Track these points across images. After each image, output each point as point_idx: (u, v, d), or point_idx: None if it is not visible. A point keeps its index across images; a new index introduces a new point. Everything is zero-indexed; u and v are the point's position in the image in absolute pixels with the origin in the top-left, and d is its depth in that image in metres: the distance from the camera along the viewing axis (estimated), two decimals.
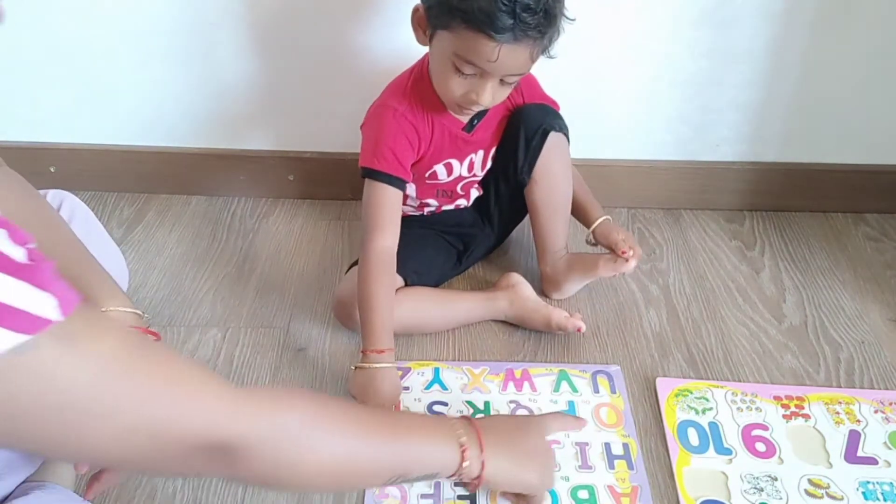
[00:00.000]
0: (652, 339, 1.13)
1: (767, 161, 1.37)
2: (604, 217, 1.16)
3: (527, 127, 1.11)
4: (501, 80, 0.95)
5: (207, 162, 1.39)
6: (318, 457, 0.63)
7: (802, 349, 1.12)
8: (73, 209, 0.85)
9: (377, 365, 0.97)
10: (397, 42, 1.25)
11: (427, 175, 1.11)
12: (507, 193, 1.19)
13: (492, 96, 0.96)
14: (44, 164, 1.37)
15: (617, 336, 1.13)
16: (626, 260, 1.10)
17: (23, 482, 0.76)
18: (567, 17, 0.94)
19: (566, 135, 1.13)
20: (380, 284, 1.00)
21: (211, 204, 1.41)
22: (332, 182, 1.40)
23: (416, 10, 0.98)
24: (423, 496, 0.90)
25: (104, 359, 0.48)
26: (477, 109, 1.00)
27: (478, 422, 0.79)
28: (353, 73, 1.28)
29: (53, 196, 0.85)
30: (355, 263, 1.12)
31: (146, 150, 1.38)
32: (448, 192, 1.17)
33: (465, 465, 0.74)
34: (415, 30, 1.00)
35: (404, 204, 1.14)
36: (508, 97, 1.05)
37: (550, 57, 0.96)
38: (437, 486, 0.91)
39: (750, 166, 1.38)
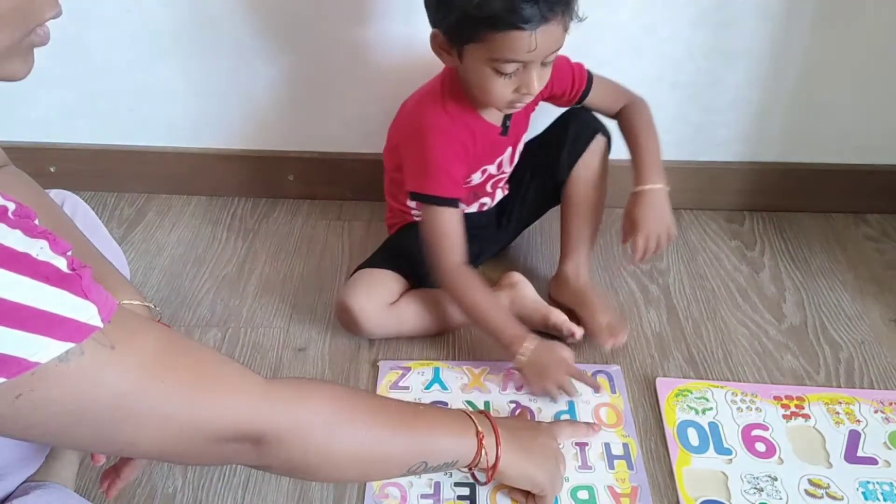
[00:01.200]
0: (652, 339, 1.13)
1: (767, 161, 1.37)
2: (650, 187, 1.08)
3: (577, 126, 1.14)
4: (542, 63, 0.95)
5: (207, 162, 1.39)
6: (344, 447, 0.66)
7: (802, 349, 1.12)
8: (74, 209, 0.85)
9: (527, 354, 1.00)
10: (398, 42, 1.25)
11: (464, 183, 1.10)
12: (535, 192, 1.20)
13: (540, 82, 0.95)
14: (44, 164, 1.37)
15: None
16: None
17: (23, 482, 0.76)
18: None
19: (609, 144, 1.17)
20: (477, 293, 1.03)
21: (211, 204, 1.41)
22: (332, 182, 1.40)
23: (435, 36, 0.98)
24: (424, 496, 0.90)
25: (145, 360, 0.51)
26: (528, 101, 1.00)
27: (494, 416, 0.82)
28: (354, 73, 1.29)
29: (55, 196, 0.85)
30: (359, 268, 1.12)
31: (146, 150, 1.38)
32: (477, 193, 1.17)
33: (482, 454, 0.77)
34: (438, 55, 0.99)
35: None
36: None
37: (580, 20, 0.95)
38: (437, 486, 0.91)
39: (750, 166, 1.38)
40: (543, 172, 1.17)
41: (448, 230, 1.03)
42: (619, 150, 1.34)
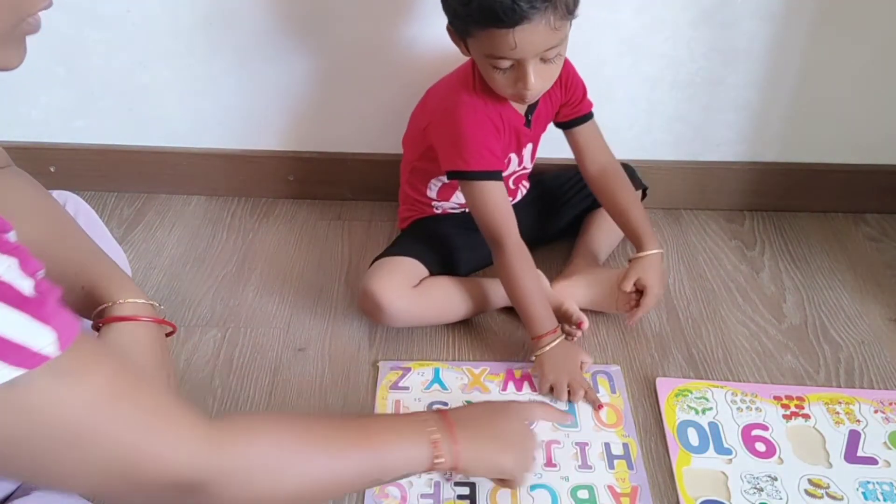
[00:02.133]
0: (652, 339, 1.13)
1: (767, 161, 1.37)
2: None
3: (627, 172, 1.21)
4: (542, 60, 0.94)
5: (207, 162, 1.39)
6: (291, 481, 0.64)
7: (802, 349, 1.12)
8: (76, 210, 0.85)
9: (552, 344, 1.03)
10: (399, 41, 1.25)
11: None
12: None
13: (538, 79, 0.95)
14: (44, 164, 1.37)
15: (617, 336, 1.13)
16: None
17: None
18: None
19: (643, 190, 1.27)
20: (527, 276, 1.05)
21: (211, 204, 1.41)
22: (332, 182, 1.40)
23: (448, 28, 1.00)
24: (424, 496, 0.90)
25: (92, 393, 0.50)
26: (534, 96, 1.00)
27: (451, 413, 0.80)
28: (354, 73, 1.29)
29: (56, 196, 0.85)
30: (379, 257, 1.13)
31: (146, 150, 1.38)
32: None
33: (437, 460, 0.75)
34: (457, 45, 1.01)
35: (447, 200, 1.16)
36: (550, 91, 1.06)
37: (573, 17, 0.94)
38: (437, 485, 0.91)
39: (750, 166, 1.38)
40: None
41: (498, 203, 1.04)
42: (618, 150, 1.35)
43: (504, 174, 1.14)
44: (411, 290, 1.09)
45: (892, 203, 1.39)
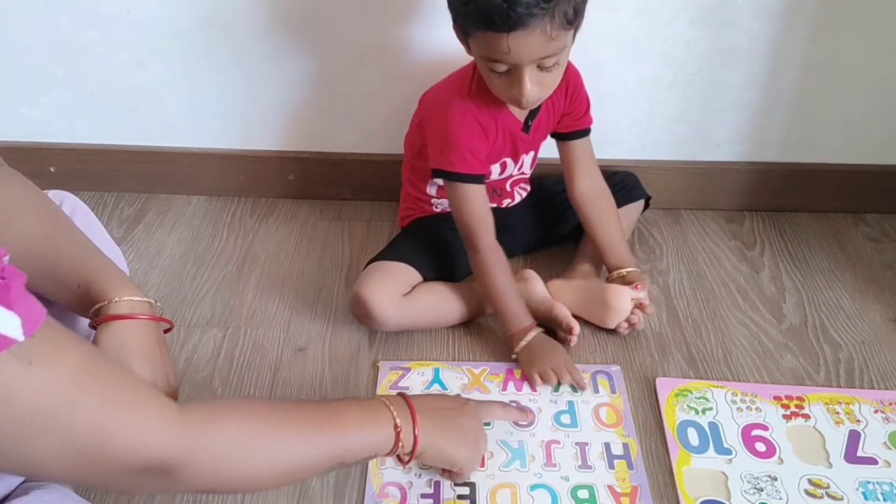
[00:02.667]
0: (652, 339, 1.13)
1: (767, 161, 1.37)
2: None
3: (632, 180, 1.29)
4: (539, 67, 0.94)
5: (207, 162, 1.39)
6: (257, 465, 0.66)
7: (802, 349, 1.12)
8: (73, 209, 0.85)
9: (528, 338, 1.05)
10: (400, 42, 1.25)
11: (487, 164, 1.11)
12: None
13: (534, 86, 0.94)
14: (44, 164, 1.37)
15: (617, 336, 1.13)
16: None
17: (23, 482, 0.76)
18: None
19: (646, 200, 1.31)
20: (502, 276, 1.06)
21: (211, 204, 1.41)
22: (332, 182, 1.40)
23: (453, 27, 1.00)
24: (424, 496, 0.90)
25: (58, 378, 0.50)
26: (530, 103, 0.99)
27: (413, 399, 0.82)
28: (354, 73, 1.28)
29: (53, 196, 0.85)
30: (373, 260, 1.13)
31: (146, 150, 1.38)
32: (497, 191, 1.19)
33: (399, 444, 0.77)
34: (462, 43, 1.01)
35: (447, 198, 1.15)
36: (554, 99, 1.07)
37: (575, 28, 0.93)
38: (437, 485, 0.91)
39: (750, 166, 1.38)
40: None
41: (476, 205, 1.06)
42: (618, 150, 1.36)
43: (500, 177, 1.14)
44: (401, 298, 1.09)
45: (892, 203, 1.39)
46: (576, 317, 1.11)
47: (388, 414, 0.78)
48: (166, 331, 0.76)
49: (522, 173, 1.19)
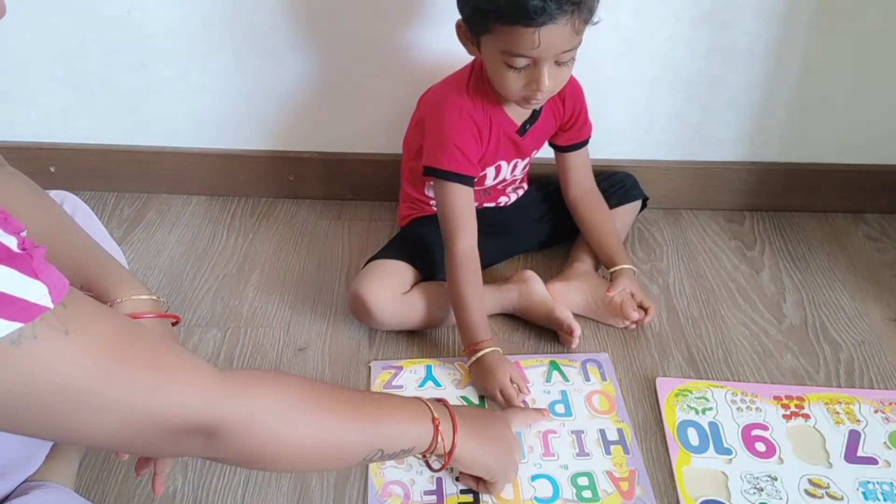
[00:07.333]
0: (652, 339, 1.13)
1: (767, 161, 1.37)
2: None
3: (630, 181, 1.29)
4: (556, 62, 0.95)
5: (207, 162, 1.39)
6: (298, 438, 0.65)
7: (802, 349, 1.12)
8: (73, 209, 0.85)
9: (479, 354, 1.01)
10: (400, 42, 1.25)
11: (479, 166, 1.11)
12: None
13: (551, 80, 0.96)
14: (44, 164, 1.37)
15: (617, 336, 1.13)
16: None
17: (23, 482, 0.76)
18: None
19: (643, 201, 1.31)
20: (469, 285, 1.04)
21: (211, 204, 1.41)
22: (332, 182, 1.40)
23: (458, 26, 1.01)
24: (427, 493, 0.90)
25: (100, 348, 0.49)
26: (542, 98, 1.01)
27: (453, 406, 0.82)
28: (353, 73, 1.29)
29: (54, 196, 0.85)
30: (372, 258, 1.13)
31: (146, 150, 1.38)
32: (490, 192, 1.19)
33: (438, 440, 0.77)
34: (464, 44, 1.02)
35: None
36: (554, 107, 1.09)
37: (594, 23, 0.96)
38: (440, 482, 0.91)
39: (750, 166, 1.38)
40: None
41: (460, 206, 1.05)
42: (618, 150, 1.36)
43: (493, 181, 1.14)
44: (400, 297, 1.09)
45: (892, 203, 1.39)
46: (577, 316, 1.11)
47: (427, 410, 0.78)
48: (174, 324, 0.76)
49: (515, 177, 1.19)
